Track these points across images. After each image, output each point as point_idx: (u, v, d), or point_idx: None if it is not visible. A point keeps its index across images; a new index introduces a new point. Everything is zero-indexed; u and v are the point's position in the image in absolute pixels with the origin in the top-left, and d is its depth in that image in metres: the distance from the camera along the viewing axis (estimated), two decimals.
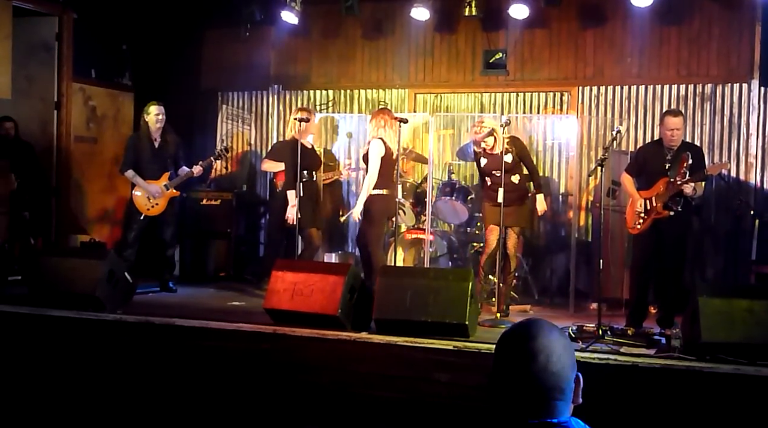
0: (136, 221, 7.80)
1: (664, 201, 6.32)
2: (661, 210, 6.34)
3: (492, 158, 6.80)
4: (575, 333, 5.75)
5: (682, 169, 6.22)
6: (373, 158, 6.93)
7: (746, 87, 8.04)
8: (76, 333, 6.07)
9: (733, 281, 7.88)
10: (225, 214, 9.25)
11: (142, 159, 7.82)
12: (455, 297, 5.60)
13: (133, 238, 7.79)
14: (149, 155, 7.82)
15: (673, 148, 6.40)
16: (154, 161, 7.83)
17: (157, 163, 7.85)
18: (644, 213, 6.46)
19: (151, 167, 7.82)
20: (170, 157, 7.93)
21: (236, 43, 9.55)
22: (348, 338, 5.53)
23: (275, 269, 6.11)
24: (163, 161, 7.88)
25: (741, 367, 4.75)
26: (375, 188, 6.92)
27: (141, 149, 7.82)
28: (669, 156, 6.39)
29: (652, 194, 6.43)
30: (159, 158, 7.86)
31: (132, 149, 7.87)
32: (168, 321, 6.05)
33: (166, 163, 7.90)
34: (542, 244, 8.65)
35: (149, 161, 7.82)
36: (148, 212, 7.80)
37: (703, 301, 5.10)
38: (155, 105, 7.82)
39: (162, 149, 7.88)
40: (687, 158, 6.22)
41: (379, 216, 6.96)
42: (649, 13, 8.09)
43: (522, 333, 1.91)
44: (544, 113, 8.93)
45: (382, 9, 9.30)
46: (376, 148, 6.93)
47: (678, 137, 6.40)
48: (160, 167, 7.86)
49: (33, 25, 8.95)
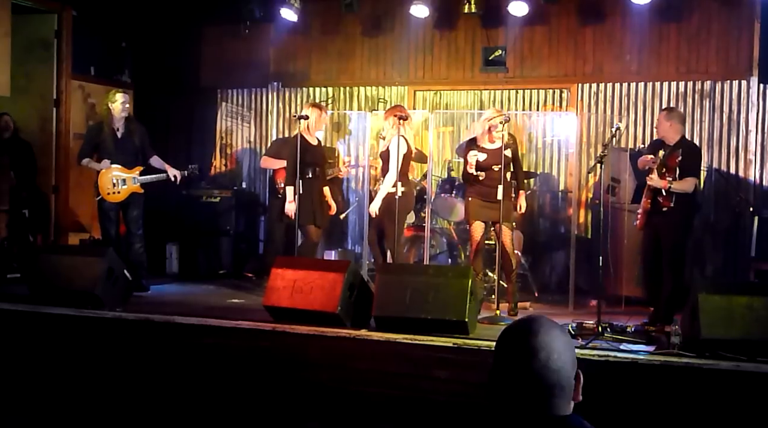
0: (104, 211, 7.54)
1: (649, 196, 6.40)
2: (647, 206, 6.44)
3: (491, 153, 6.77)
4: (575, 330, 5.75)
5: (672, 164, 6.25)
6: (395, 155, 6.95)
7: (745, 84, 8.04)
8: (76, 331, 6.07)
9: (732, 277, 7.89)
10: (224, 211, 9.23)
11: (104, 149, 7.54)
12: (455, 294, 5.60)
13: (115, 232, 7.58)
14: (112, 145, 7.53)
15: (668, 142, 6.44)
16: (119, 151, 7.54)
17: (123, 153, 7.56)
18: (641, 208, 6.56)
19: (117, 157, 7.53)
20: (136, 147, 7.66)
21: (235, 40, 9.55)
22: (347, 335, 5.53)
23: (275, 267, 6.11)
24: (129, 151, 7.60)
25: (740, 364, 4.75)
26: (394, 186, 6.95)
27: (102, 139, 7.55)
28: (662, 152, 6.42)
29: None
30: (124, 149, 7.58)
31: (90, 139, 7.65)
32: (167, 318, 6.05)
33: (133, 154, 7.63)
34: (542, 241, 8.66)
35: (113, 151, 7.53)
36: (108, 196, 7.52)
37: (703, 298, 5.10)
38: (121, 93, 7.61)
39: (126, 138, 7.60)
40: (677, 156, 6.24)
41: (401, 214, 6.99)
42: (649, 10, 8.09)
43: (523, 329, 1.91)
44: (543, 109, 8.93)
45: (382, 6, 9.29)
46: (400, 146, 6.96)
47: (661, 133, 6.48)
48: (128, 159, 7.58)
49: (32, 22, 8.94)
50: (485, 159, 6.86)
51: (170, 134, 9.61)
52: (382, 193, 7.08)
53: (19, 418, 5.48)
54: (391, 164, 7.02)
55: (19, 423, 5.46)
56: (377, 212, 7.10)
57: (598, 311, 5.88)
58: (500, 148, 6.72)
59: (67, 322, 6.12)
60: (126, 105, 7.59)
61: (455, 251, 8.13)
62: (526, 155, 8.60)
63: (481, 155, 6.87)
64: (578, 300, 7.40)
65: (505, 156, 6.71)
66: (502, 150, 6.64)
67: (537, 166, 8.84)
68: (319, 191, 7.45)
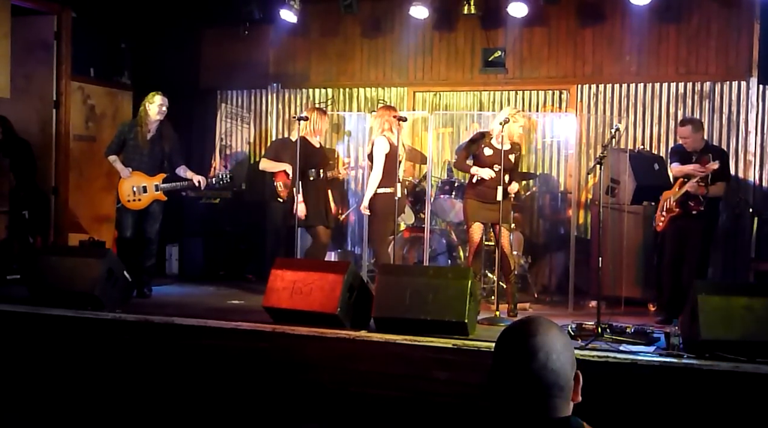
0: (123, 215, 7.44)
1: (679, 200, 6.56)
2: (674, 208, 6.61)
3: (497, 152, 6.74)
4: (574, 331, 5.75)
5: None
6: (378, 155, 6.96)
7: (745, 85, 8.05)
8: (75, 332, 6.07)
9: (732, 278, 7.89)
10: (224, 212, 9.24)
11: (132, 149, 7.44)
12: (454, 295, 5.60)
13: (131, 234, 7.46)
14: (140, 146, 7.42)
15: (696, 150, 6.60)
16: (146, 154, 7.43)
17: (149, 157, 7.45)
18: (665, 211, 6.74)
19: (142, 159, 7.43)
20: (164, 153, 7.53)
21: (235, 41, 9.55)
22: (347, 336, 5.53)
23: (274, 268, 6.11)
24: (156, 155, 7.48)
25: (740, 365, 4.75)
26: (379, 187, 6.95)
27: (132, 138, 7.44)
28: (694, 158, 6.58)
29: (671, 194, 6.70)
30: (151, 153, 7.45)
31: (120, 135, 7.52)
32: (167, 319, 6.05)
33: (159, 159, 7.50)
34: (541, 242, 8.66)
35: (140, 152, 7.43)
36: (128, 204, 7.41)
37: (702, 299, 5.10)
38: (161, 95, 7.45)
39: (155, 142, 7.47)
40: (708, 160, 6.41)
41: (383, 214, 6.99)
42: (648, 11, 8.09)
43: (522, 330, 1.91)
44: (543, 110, 8.93)
45: (381, 7, 9.30)
46: (381, 146, 6.97)
47: (691, 144, 6.60)
48: (153, 164, 7.46)
49: (31, 24, 8.94)
50: (489, 156, 6.83)
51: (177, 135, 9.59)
52: (369, 193, 7.07)
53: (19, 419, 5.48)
54: (375, 164, 7.03)
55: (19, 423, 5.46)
56: (367, 210, 7.10)
57: (597, 311, 5.88)
58: (507, 150, 6.70)
59: (67, 323, 6.12)
60: (163, 108, 7.41)
61: (455, 252, 8.13)
62: (525, 155, 8.59)
63: (488, 150, 6.84)
64: (578, 301, 7.41)
65: (509, 160, 6.71)
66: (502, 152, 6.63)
67: (536, 167, 8.85)
68: (325, 192, 7.46)
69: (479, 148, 6.89)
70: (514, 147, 6.81)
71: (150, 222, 7.55)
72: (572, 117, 8.29)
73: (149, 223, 7.55)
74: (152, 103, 7.41)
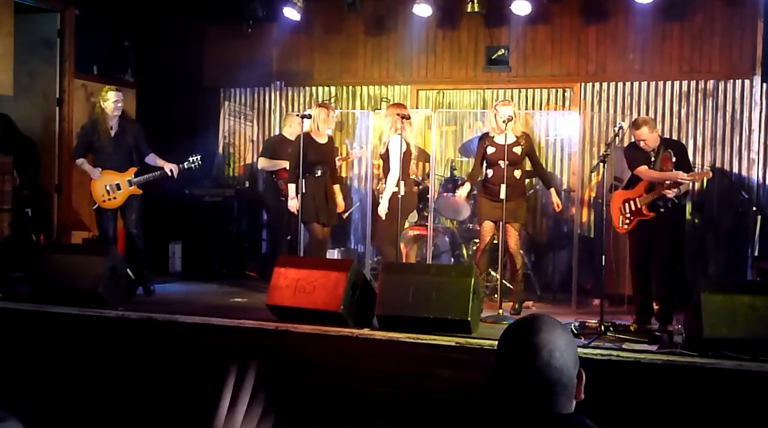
0: (101, 215, 7.38)
1: (648, 203, 6.29)
2: (647, 212, 6.30)
3: (500, 147, 6.73)
4: (578, 329, 5.75)
5: (666, 168, 6.20)
6: (394, 155, 6.95)
7: (748, 83, 8.03)
8: (79, 330, 6.07)
9: (735, 277, 7.88)
10: (227, 210, 9.24)
11: (98, 148, 7.36)
12: (457, 293, 5.60)
13: (113, 235, 7.43)
14: (106, 144, 7.33)
15: (653, 148, 6.34)
16: (113, 150, 7.34)
17: (117, 153, 7.36)
18: (630, 213, 6.43)
19: (111, 157, 7.31)
20: (130, 146, 7.43)
21: (238, 39, 9.56)
22: (350, 334, 5.53)
23: (277, 266, 6.11)
24: (123, 150, 7.39)
25: (743, 363, 4.75)
26: (397, 186, 6.94)
27: (96, 138, 7.34)
28: (652, 157, 6.33)
29: (635, 195, 6.39)
30: (118, 148, 7.36)
31: (84, 137, 7.43)
32: (170, 317, 6.05)
33: (128, 153, 7.42)
34: (545, 240, 8.66)
35: (107, 150, 7.34)
36: (104, 204, 7.32)
37: (706, 297, 5.10)
38: (113, 91, 7.32)
39: (119, 138, 7.37)
40: (670, 157, 6.20)
41: (394, 213, 6.97)
42: (652, 9, 8.08)
43: (525, 328, 1.91)
44: (546, 109, 8.92)
45: (384, 5, 9.30)
46: (396, 145, 6.96)
47: (651, 143, 6.30)
48: (122, 159, 7.37)
49: (34, 21, 8.95)
50: (493, 153, 6.81)
51: (173, 133, 9.59)
52: (388, 193, 7.07)
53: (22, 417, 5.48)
54: (392, 163, 7.02)
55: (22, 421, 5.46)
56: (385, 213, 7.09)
57: (600, 310, 5.88)
58: (511, 143, 6.68)
59: (70, 321, 6.12)
60: (119, 104, 7.30)
61: (458, 251, 8.13)
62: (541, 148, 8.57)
63: (490, 148, 6.83)
64: (581, 299, 7.40)
65: (514, 153, 6.69)
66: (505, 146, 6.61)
67: None
68: (325, 189, 7.43)
69: (484, 150, 6.90)
70: (519, 139, 6.76)
71: (128, 216, 7.45)
72: (575, 115, 8.28)
73: (127, 217, 7.45)
74: (107, 101, 7.29)
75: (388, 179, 7.12)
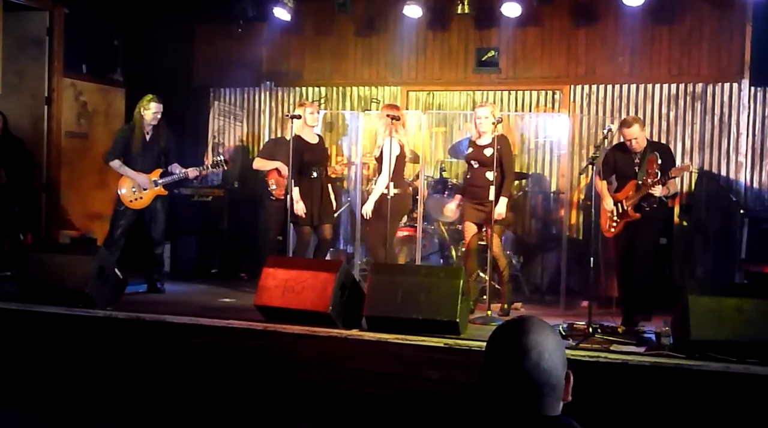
0: (120, 214, 7.53)
1: (635, 204, 6.35)
2: (633, 214, 6.38)
3: (476, 149, 6.81)
4: (566, 331, 5.77)
5: (652, 170, 6.24)
6: (389, 157, 6.96)
7: (737, 87, 8.07)
8: (67, 330, 6.05)
9: (722, 279, 7.91)
10: (216, 210, 9.22)
11: (131, 152, 7.56)
12: (446, 295, 5.61)
13: (119, 234, 7.53)
14: (140, 148, 7.55)
15: (638, 151, 6.44)
16: (144, 154, 7.57)
17: (147, 156, 7.58)
18: (617, 216, 6.49)
19: (141, 160, 7.56)
20: (161, 151, 7.68)
21: (228, 39, 9.53)
22: (339, 335, 5.53)
23: (266, 266, 6.10)
24: (154, 154, 7.62)
25: (730, 365, 4.77)
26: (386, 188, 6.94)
27: (132, 142, 7.56)
28: (637, 158, 6.42)
29: (622, 197, 6.47)
30: (149, 152, 7.59)
31: (122, 140, 7.61)
32: (158, 317, 6.04)
33: (157, 157, 7.65)
34: (533, 242, 8.67)
35: (139, 154, 7.56)
36: (131, 204, 7.51)
37: (693, 299, 5.12)
38: (155, 102, 7.53)
39: (153, 142, 7.62)
40: (656, 159, 6.24)
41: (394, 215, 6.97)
42: (641, 13, 8.11)
43: (514, 329, 1.92)
44: (536, 110, 8.94)
45: (375, 6, 9.30)
46: (393, 148, 6.97)
47: (640, 144, 6.41)
48: (151, 161, 7.60)
49: (23, 20, 8.91)
50: (470, 153, 6.88)
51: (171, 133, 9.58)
52: (375, 194, 7.08)
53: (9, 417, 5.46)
54: (384, 165, 7.03)
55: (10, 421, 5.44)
56: (370, 214, 7.09)
57: (588, 311, 5.89)
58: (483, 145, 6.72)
59: (58, 321, 6.10)
60: (158, 115, 7.53)
61: (447, 252, 8.14)
62: (518, 155, 8.60)
63: (469, 149, 6.91)
64: (569, 301, 7.42)
65: (485, 154, 6.72)
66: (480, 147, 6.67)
67: (529, 167, 8.85)
68: (319, 190, 7.42)
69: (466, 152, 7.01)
70: (493, 142, 6.68)
71: (155, 223, 7.64)
72: (565, 117, 8.31)
73: (154, 224, 7.64)
74: (148, 110, 7.53)
75: (378, 181, 7.13)
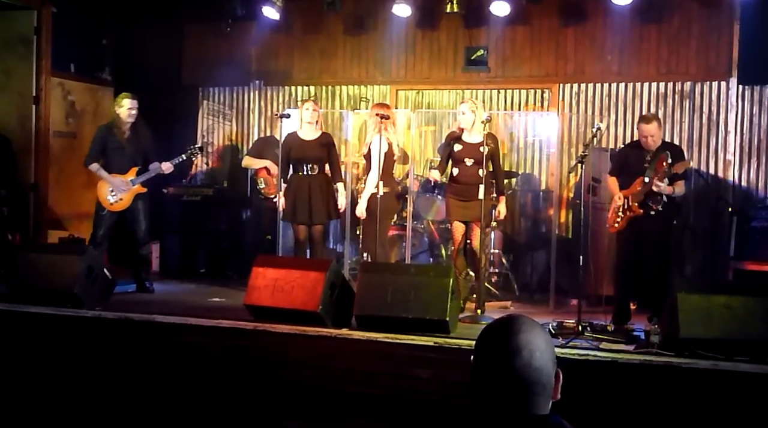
0: (102, 217, 7.50)
1: (639, 200, 6.36)
2: (636, 209, 6.38)
3: (467, 146, 6.77)
4: (555, 329, 5.77)
5: (661, 168, 6.24)
6: (378, 154, 6.94)
7: (725, 85, 8.11)
8: (55, 330, 6.02)
9: (711, 277, 7.94)
10: (205, 210, 9.20)
11: (109, 152, 7.51)
12: (436, 294, 5.61)
13: (102, 236, 7.49)
14: (117, 148, 7.49)
15: (651, 149, 6.45)
16: (121, 154, 7.50)
17: (125, 156, 7.52)
18: (621, 212, 6.51)
19: (118, 160, 7.50)
20: (140, 151, 7.60)
21: (217, 38, 9.51)
22: (329, 334, 5.52)
23: (256, 265, 6.09)
24: (132, 154, 7.55)
25: (719, 363, 4.78)
26: (376, 187, 6.93)
27: (109, 142, 7.50)
28: (648, 156, 6.43)
29: (629, 194, 6.48)
30: (127, 152, 7.53)
31: (99, 141, 7.56)
32: (147, 317, 6.01)
33: (134, 157, 7.57)
34: (523, 241, 8.68)
35: (117, 154, 7.50)
36: (111, 206, 7.47)
37: (682, 297, 5.13)
38: (129, 98, 7.49)
39: (131, 142, 7.54)
40: (666, 158, 6.24)
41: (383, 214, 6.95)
42: (630, 12, 8.14)
43: (504, 328, 1.92)
44: (525, 109, 8.96)
45: (364, 5, 9.29)
46: (378, 145, 6.95)
47: (655, 142, 6.41)
48: (128, 161, 7.53)
49: (11, 19, 8.86)
50: (459, 151, 6.81)
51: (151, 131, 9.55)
52: (366, 194, 7.06)
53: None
54: (373, 162, 7.02)
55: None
56: (364, 214, 7.08)
57: (578, 310, 5.90)
58: (476, 143, 6.70)
59: (47, 321, 6.07)
60: (133, 111, 7.49)
61: (436, 250, 8.14)
62: (507, 154, 8.62)
63: (458, 146, 6.83)
64: (559, 300, 7.44)
65: (480, 152, 6.69)
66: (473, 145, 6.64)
67: (518, 166, 8.87)
68: (310, 188, 7.20)
69: (451, 149, 6.87)
70: (485, 139, 6.63)
71: (137, 224, 7.60)
72: (554, 116, 8.33)
73: (137, 224, 7.61)
74: (122, 107, 7.50)
75: (368, 180, 7.11)
